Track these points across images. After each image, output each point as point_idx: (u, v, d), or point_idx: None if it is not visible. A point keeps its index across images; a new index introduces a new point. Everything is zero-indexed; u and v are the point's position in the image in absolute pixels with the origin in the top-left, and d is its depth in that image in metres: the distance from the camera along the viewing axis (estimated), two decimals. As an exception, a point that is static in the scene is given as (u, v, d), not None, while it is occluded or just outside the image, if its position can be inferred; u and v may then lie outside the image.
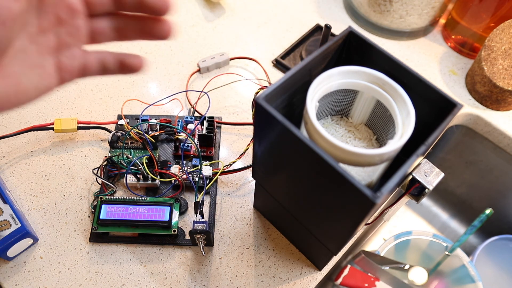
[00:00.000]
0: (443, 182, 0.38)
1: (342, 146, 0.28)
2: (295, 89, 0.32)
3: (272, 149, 0.33)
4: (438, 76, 0.61)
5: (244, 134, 0.54)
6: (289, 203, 0.39)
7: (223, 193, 0.50)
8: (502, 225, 0.71)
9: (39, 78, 0.26)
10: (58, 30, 0.27)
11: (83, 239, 0.46)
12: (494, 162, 0.62)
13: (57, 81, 0.27)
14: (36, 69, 0.26)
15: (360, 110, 0.35)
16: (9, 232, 0.42)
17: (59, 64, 0.27)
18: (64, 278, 0.43)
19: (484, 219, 0.60)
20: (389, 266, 0.68)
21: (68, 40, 0.27)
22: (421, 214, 0.79)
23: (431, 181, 0.35)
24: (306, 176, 0.31)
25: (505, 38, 0.53)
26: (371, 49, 0.32)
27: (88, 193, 0.49)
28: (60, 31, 0.27)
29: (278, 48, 0.63)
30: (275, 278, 0.44)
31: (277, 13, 0.67)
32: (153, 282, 0.44)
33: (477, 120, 0.58)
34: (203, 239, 0.43)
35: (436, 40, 0.65)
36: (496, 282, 0.69)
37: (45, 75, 0.26)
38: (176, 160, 0.51)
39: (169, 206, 0.45)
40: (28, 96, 0.25)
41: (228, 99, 0.57)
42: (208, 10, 0.67)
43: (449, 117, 0.29)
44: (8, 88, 0.24)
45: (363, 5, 0.63)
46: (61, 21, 0.27)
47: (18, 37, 0.25)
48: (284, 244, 0.47)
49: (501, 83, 0.53)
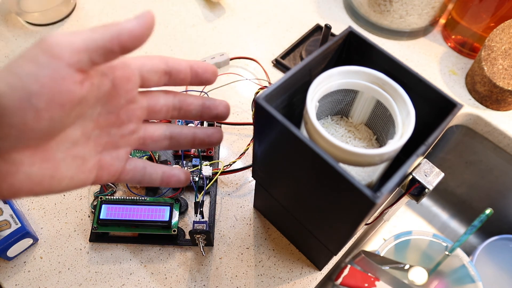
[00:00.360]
0: (443, 182, 0.38)
1: (342, 146, 0.28)
2: (295, 89, 0.32)
3: (272, 149, 0.33)
4: (438, 76, 0.61)
5: (244, 134, 0.54)
6: (289, 203, 0.39)
7: (223, 193, 0.50)
8: (502, 225, 0.71)
9: (77, 171, 0.25)
10: (113, 130, 0.26)
11: (83, 239, 0.46)
12: (494, 162, 0.62)
13: (94, 178, 0.26)
14: (78, 161, 0.25)
15: (360, 110, 0.35)
16: (9, 232, 0.42)
17: (102, 162, 0.26)
18: (64, 278, 0.43)
19: (484, 219, 0.60)
20: (389, 266, 0.68)
21: (119, 142, 0.27)
22: (421, 214, 0.79)
23: (431, 181, 0.35)
24: (306, 176, 0.31)
25: (505, 38, 0.53)
26: (371, 49, 0.32)
27: (88, 193, 0.49)
28: (114, 132, 0.26)
29: (278, 48, 0.63)
30: (275, 278, 0.44)
31: (277, 13, 0.67)
32: (153, 282, 0.44)
33: (477, 120, 0.58)
34: (203, 239, 0.43)
35: (436, 40, 0.65)
36: (496, 282, 0.69)
37: (84, 169, 0.25)
38: (176, 160, 0.51)
39: (169, 206, 0.45)
40: (61, 186, 0.24)
41: (228, 99, 0.57)
42: (208, 10, 0.67)
43: (449, 117, 0.29)
44: (45, 172, 0.23)
45: (363, 5, 0.63)
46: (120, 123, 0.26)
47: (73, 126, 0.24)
48: (284, 244, 0.47)
49: (501, 83, 0.53)
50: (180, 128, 0.31)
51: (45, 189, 0.24)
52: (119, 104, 0.26)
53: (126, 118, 0.27)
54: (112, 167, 0.27)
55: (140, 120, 0.28)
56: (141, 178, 0.28)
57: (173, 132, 0.30)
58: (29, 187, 0.23)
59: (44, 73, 0.20)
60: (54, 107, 0.21)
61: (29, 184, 0.23)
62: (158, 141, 0.30)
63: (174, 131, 0.30)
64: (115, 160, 0.27)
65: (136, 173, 0.28)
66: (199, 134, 0.31)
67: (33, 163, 0.23)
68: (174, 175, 0.30)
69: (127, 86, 0.26)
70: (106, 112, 0.25)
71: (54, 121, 0.22)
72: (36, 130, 0.21)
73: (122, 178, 0.28)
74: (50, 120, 0.21)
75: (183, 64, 0.28)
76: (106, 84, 0.24)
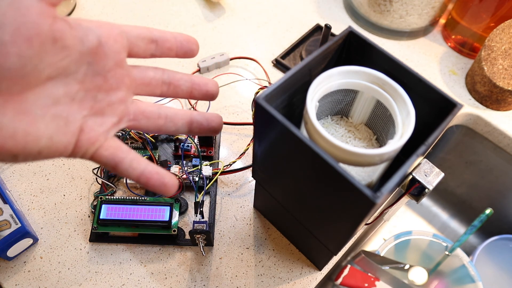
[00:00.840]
0: (443, 182, 0.38)
1: (342, 146, 0.28)
2: (295, 89, 0.32)
3: (272, 149, 0.33)
4: (438, 76, 0.61)
5: (244, 134, 0.54)
6: (289, 203, 0.39)
7: (223, 193, 0.50)
8: (502, 225, 0.71)
9: (57, 131, 0.23)
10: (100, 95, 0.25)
11: (83, 239, 0.46)
12: (494, 162, 0.62)
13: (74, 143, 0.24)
14: (59, 121, 0.23)
15: (360, 110, 0.35)
16: (9, 232, 0.42)
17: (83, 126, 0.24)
18: (64, 278, 0.43)
19: (484, 219, 0.60)
20: (389, 266, 0.68)
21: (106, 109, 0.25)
22: (421, 214, 0.79)
23: (431, 181, 0.35)
24: (306, 176, 0.31)
25: (505, 38, 0.53)
26: (371, 49, 0.32)
27: (88, 193, 0.49)
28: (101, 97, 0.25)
29: (278, 48, 0.63)
30: (275, 278, 0.44)
31: (277, 13, 0.67)
32: (153, 282, 0.44)
33: (477, 120, 0.58)
34: (203, 239, 0.43)
35: (436, 40, 0.65)
36: (496, 282, 0.69)
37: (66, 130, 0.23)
38: (176, 160, 0.51)
39: (169, 206, 0.45)
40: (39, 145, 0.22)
41: (228, 99, 0.57)
42: (208, 10, 0.67)
43: (449, 117, 0.29)
44: (18, 125, 0.21)
45: (363, 5, 0.63)
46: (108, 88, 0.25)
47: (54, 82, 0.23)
48: (284, 244, 0.47)
49: (501, 83, 0.53)
50: (175, 109, 0.29)
51: (19, 146, 0.22)
52: (107, 65, 0.25)
53: (114, 84, 0.25)
54: (93, 132, 0.25)
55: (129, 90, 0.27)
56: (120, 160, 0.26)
57: (168, 111, 0.29)
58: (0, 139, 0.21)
59: (5, 1, 0.19)
60: (20, 40, 0.20)
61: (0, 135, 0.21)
62: (151, 118, 0.28)
63: (168, 110, 0.29)
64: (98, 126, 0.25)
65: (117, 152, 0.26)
66: (196, 116, 0.30)
67: (4, 113, 0.21)
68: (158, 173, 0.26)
69: (115, 46, 0.25)
70: (92, 73, 0.24)
71: (23, 58, 0.20)
72: (5, 69, 0.20)
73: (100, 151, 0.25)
74: (19, 56, 0.20)
75: (168, 33, 0.28)
76: (91, 39, 0.23)
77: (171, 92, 0.29)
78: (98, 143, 0.25)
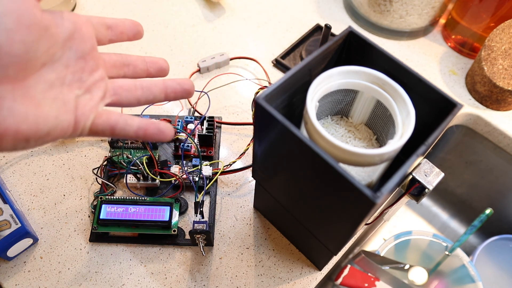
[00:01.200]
0: (443, 182, 0.38)
1: (342, 146, 0.28)
2: (295, 89, 0.32)
3: (272, 149, 0.33)
4: (438, 76, 0.61)
5: (244, 134, 0.54)
6: (289, 203, 0.39)
7: (223, 193, 0.50)
8: (502, 225, 0.71)
9: (59, 111, 0.25)
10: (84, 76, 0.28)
11: (83, 239, 0.46)
12: (494, 162, 0.62)
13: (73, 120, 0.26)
14: (58, 101, 0.26)
15: (360, 110, 0.35)
16: (9, 232, 0.42)
17: (77, 104, 0.27)
18: (64, 278, 0.43)
19: (484, 219, 0.60)
20: (389, 266, 0.68)
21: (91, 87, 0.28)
22: (421, 214, 0.79)
23: (431, 181, 0.35)
24: (306, 176, 0.31)
25: (505, 38, 0.53)
26: (371, 49, 0.32)
27: (88, 193, 0.49)
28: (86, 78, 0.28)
29: (278, 48, 0.63)
30: (275, 278, 0.44)
31: (277, 13, 0.67)
32: (153, 282, 0.44)
33: (477, 120, 0.58)
34: (203, 239, 0.43)
35: (436, 40, 0.65)
36: (496, 282, 0.69)
37: (65, 109, 0.26)
38: (176, 160, 0.51)
39: (169, 206, 0.45)
40: (47, 125, 0.25)
41: (228, 99, 0.57)
42: (208, 10, 0.67)
43: (449, 117, 0.29)
44: (28, 109, 0.24)
45: (363, 5, 0.63)
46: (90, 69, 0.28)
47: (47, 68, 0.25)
48: (284, 244, 0.47)
49: (501, 83, 0.53)
50: (149, 80, 0.32)
51: (32, 128, 0.24)
52: (85, 49, 0.28)
53: (94, 65, 0.28)
54: (86, 107, 0.27)
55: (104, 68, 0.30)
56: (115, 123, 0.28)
57: (143, 82, 0.32)
58: (15, 124, 0.23)
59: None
60: (22, 28, 0.22)
61: (14, 121, 0.23)
62: (130, 90, 0.31)
63: (143, 81, 0.32)
64: (88, 101, 0.28)
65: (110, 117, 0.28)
66: (170, 82, 0.33)
67: (15, 98, 0.23)
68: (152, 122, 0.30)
69: (87, 30, 0.28)
70: (75, 56, 0.27)
71: (26, 45, 0.23)
72: (12, 55, 0.22)
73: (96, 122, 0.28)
74: (23, 43, 0.23)
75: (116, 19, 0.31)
76: (67, 25, 0.26)
77: (131, 71, 0.32)
78: (92, 115, 0.28)
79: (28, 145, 0.24)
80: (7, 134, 0.23)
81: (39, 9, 0.24)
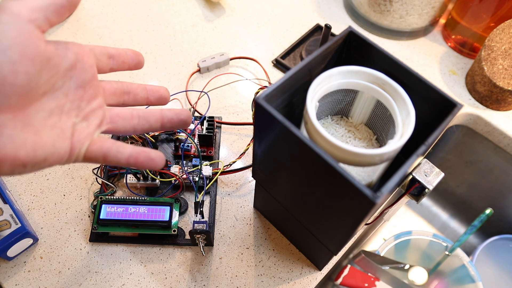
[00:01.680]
0: (443, 182, 0.38)
1: (342, 146, 0.28)
2: (295, 89, 0.32)
3: (272, 149, 0.33)
4: (438, 76, 0.61)
5: (244, 134, 0.54)
6: (289, 203, 0.39)
7: (223, 193, 0.50)
8: (502, 225, 0.71)
9: (56, 138, 0.26)
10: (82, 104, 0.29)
11: (83, 239, 0.46)
12: (494, 162, 0.62)
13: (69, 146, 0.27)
14: (56, 129, 0.27)
15: (360, 110, 0.35)
16: (9, 232, 0.42)
17: (73, 131, 0.28)
18: (64, 278, 0.43)
19: (484, 219, 0.60)
20: (389, 266, 0.68)
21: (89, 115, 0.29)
22: (421, 214, 0.79)
23: (431, 181, 0.35)
24: (306, 176, 0.31)
25: (505, 38, 0.53)
26: (371, 49, 0.32)
27: (88, 193, 0.49)
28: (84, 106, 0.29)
29: (278, 48, 0.63)
30: (275, 278, 0.44)
31: (277, 13, 0.67)
32: (153, 282, 0.44)
33: (477, 120, 0.58)
34: (203, 239, 0.43)
35: (436, 40, 0.65)
36: (496, 282, 0.69)
37: (62, 136, 0.27)
38: (176, 160, 0.51)
39: (169, 206, 0.45)
40: (45, 152, 0.25)
41: (228, 99, 0.57)
42: (208, 10, 0.67)
43: (449, 117, 0.29)
44: (27, 136, 0.25)
45: (363, 5, 0.63)
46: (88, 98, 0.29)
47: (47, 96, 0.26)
48: (284, 244, 0.47)
49: (501, 83, 0.53)
50: (146, 109, 0.33)
51: (30, 155, 0.25)
52: (86, 78, 0.29)
53: (93, 93, 0.29)
54: (82, 134, 0.28)
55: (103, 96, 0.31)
56: (107, 150, 0.29)
57: (140, 111, 0.33)
58: (13, 150, 0.24)
59: (10, 28, 0.23)
60: (26, 60, 0.24)
61: (13, 147, 0.24)
62: (127, 119, 0.32)
63: (140, 111, 0.33)
64: (85, 129, 0.29)
65: (103, 144, 0.29)
66: (166, 112, 0.34)
67: (15, 126, 0.24)
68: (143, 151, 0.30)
69: (89, 61, 0.29)
70: (74, 86, 0.28)
71: (29, 75, 0.24)
72: (15, 86, 0.23)
73: (90, 149, 0.29)
74: (26, 74, 0.24)
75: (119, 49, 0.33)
76: (70, 56, 0.27)
77: (131, 100, 0.33)
78: (87, 142, 0.29)
79: (25, 171, 0.25)
80: (6, 160, 0.24)
81: (43, 40, 0.25)
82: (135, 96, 0.34)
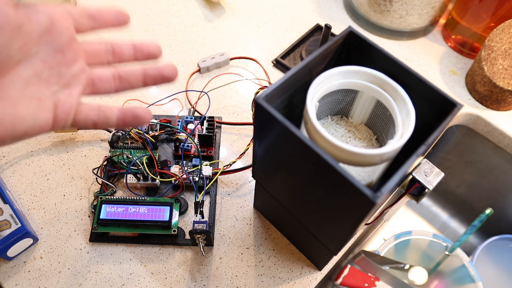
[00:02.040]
0: (443, 182, 0.38)
1: (342, 146, 0.28)
2: (295, 89, 0.32)
3: (272, 149, 0.33)
4: (438, 76, 0.61)
5: (244, 134, 0.54)
6: (289, 203, 0.39)
7: (223, 193, 0.50)
8: (502, 225, 0.71)
9: (36, 110, 0.25)
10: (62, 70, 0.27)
11: (83, 239, 0.46)
12: (494, 162, 0.62)
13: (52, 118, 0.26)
14: (34, 100, 0.25)
15: (360, 110, 0.35)
16: (9, 232, 0.42)
17: (56, 101, 0.27)
18: (64, 278, 0.43)
19: (484, 219, 0.60)
20: (389, 266, 0.68)
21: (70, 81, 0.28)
22: (421, 214, 0.79)
23: (431, 181, 0.35)
24: (306, 176, 0.31)
25: (505, 38, 0.53)
26: (371, 49, 0.32)
27: (88, 193, 0.49)
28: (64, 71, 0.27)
29: (278, 48, 0.63)
30: (275, 278, 0.44)
31: (277, 13, 0.67)
32: (153, 282, 0.44)
33: (477, 120, 0.58)
34: (203, 239, 0.43)
35: (436, 40, 0.65)
36: (496, 282, 0.69)
37: (42, 107, 0.26)
38: (176, 160, 0.51)
39: (169, 206, 0.45)
40: (24, 125, 0.24)
41: (228, 99, 0.57)
42: (208, 10, 0.67)
43: (449, 117, 0.29)
44: (4, 110, 0.23)
45: (363, 5, 0.63)
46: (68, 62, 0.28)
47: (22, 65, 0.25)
48: (284, 244, 0.47)
49: (501, 83, 0.53)
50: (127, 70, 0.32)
51: (8, 130, 0.24)
52: (63, 41, 0.27)
53: (72, 57, 0.28)
54: (66, 104, 0.27)
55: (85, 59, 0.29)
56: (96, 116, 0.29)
57: (122, 71, 0.31)
58: None
59: None
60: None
61: None
62: (107, 81, 0.30)
63: (122, 71, 0.31)
64: (69, 97, 0.27)
65: (91, 111, 0.28)
66: (149, 69, 0.32)
67: None
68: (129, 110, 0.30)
69: (65, 22, 0.27)
70: (52, 50, 0.26)
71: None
72: None
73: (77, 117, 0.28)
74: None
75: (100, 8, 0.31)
76: (43, 19, 0.25)
77: (117, 57, 0.32)
78: (73, 111, 0.28)
79: (4, 144, 0.25)
80: None
81: (11, 6, 0.23)
82: (121, 56, 0.31)
